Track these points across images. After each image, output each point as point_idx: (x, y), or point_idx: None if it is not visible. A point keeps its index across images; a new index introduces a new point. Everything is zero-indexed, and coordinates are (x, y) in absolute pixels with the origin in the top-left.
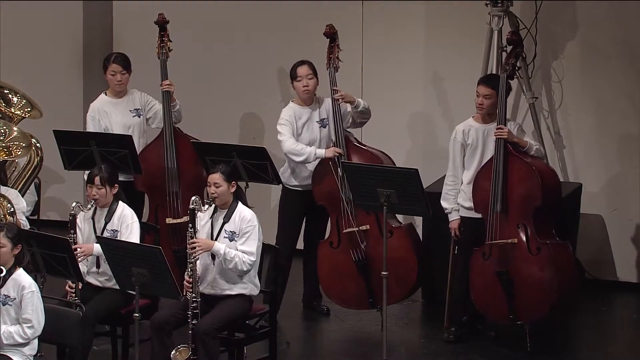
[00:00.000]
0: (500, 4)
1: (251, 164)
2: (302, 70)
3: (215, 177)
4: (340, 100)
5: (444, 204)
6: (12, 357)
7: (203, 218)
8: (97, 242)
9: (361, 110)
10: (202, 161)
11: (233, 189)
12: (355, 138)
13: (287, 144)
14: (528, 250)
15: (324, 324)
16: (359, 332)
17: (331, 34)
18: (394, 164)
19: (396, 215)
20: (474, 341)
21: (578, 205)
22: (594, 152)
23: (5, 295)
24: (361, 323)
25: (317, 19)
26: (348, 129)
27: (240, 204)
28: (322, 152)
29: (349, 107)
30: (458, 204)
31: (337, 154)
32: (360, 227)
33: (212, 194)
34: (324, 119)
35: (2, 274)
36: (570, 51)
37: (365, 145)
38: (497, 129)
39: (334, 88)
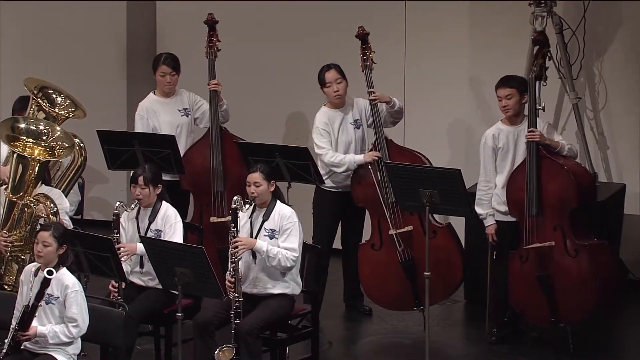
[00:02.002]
0: (543, 4)
1: (294, 164)
2: (330, 75)
3: (255, 177)
4: (376, 101)
5: (478, 210)
6: (56, 356)
7: (242, 218)
8: (140, 242)
9: (396, 110)
10: (246, 161)
11: (272, 188)
12: (391, 140)
13: (327, 158)
14: (566, 252)
15: (366, 324)
16: (401, 333)
17: (362, 36)
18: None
19: (434, 216)
20: (516, 342)
21: (622, 205)
22: (637, 152)
23: (49, 294)
24: (403, 323)
25: (361, 19)
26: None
27: (279, 202)
28: (360, 158)
29: (383, 107)
30: (493, 208)
31: (376, 158)
32: (404, 229)
33: (252, 193)
34: (357, 119)
35: (51, 276)
36: (614, 52)
37: (403, 147)
38: (528, 131)
39: (370, 90)
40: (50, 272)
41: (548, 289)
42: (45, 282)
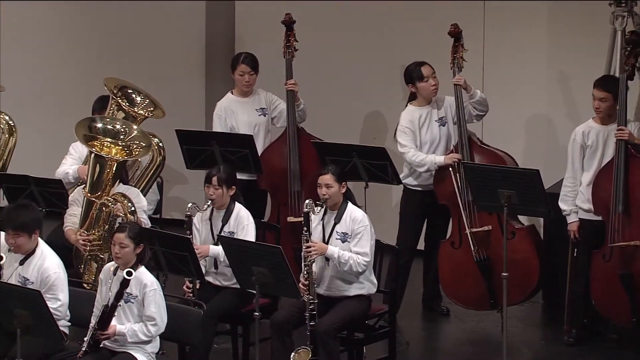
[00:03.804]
0: (624, 4)
1: (371, 164)
2: (427, 70)
3: (326, 178)
4: (458, 83)
5: (562, 205)
6: (135, 354)
7: (314, 220)
8: (213, 244)
9: (478, 100)
10: (323, 161)
11: (343, 190)
12: (478, 138)
13: (409, 156)
14: None
15: (444, 325)
16: (479, 333)
17: (456, 33)
18: (517, 165)
19: (518, 216)
20: (595, 344)
21: None
22: None
23: (128, 293)
24: (481, 324)
25: (439, 19)
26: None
27: (350, 204)
28: (441, 159)
29: (466, 100)
30: (576, 205)
31: (457, 160)
32: (482, 228)
33: (324, 195)
34: (443, 117)
35: (131, 277)
36: None
37: (488, 146)
38: (617, 130)
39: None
40: (129, 273)
41: (631, 288)
42: (125, 283)
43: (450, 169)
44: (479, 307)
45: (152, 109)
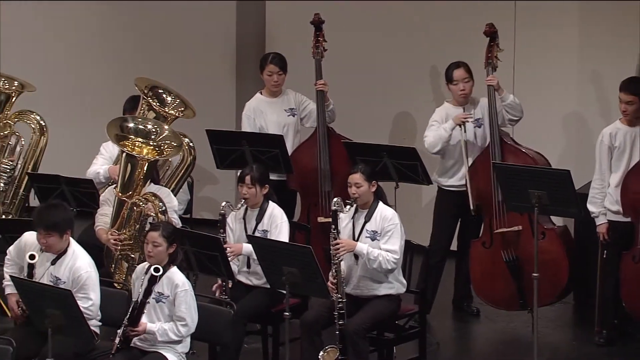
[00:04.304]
0: None
1: (401, 164)
2: (459, 74)
3: (356, 177)
4: (490, 82)
5: (590, 207)
6: (165, 354)
7: (344, 219)
8: (247, 242)
9: (509, 104)
10: (353, 161)
11: (374, 189)
12: (511, 138)
13: (426, 143)
14: None
15: (474, 325)
16: (510, 334)
17: (491, 33)
18: (550, 165)
19: (551, 217)
20: (625, 344)
21: None
22: None
23: (159, 292)
24: (512, 325)
25: (469, 19)
26: (502, 128)
27: (380, 203)
28: (450, 122)
29: (498, 104)
30: (605, 207)
31: (464, 119)
32: (512, 228)
33: (353, 194)
34: (479, 119)
35: (159, 273)
36: None
37: (521, 146)
38: None
39: (488, 79)
40: (157, 270)
41: None
42: (153, 279)
43: (481, 163)
44: (508, 308)
45: (182, 109)
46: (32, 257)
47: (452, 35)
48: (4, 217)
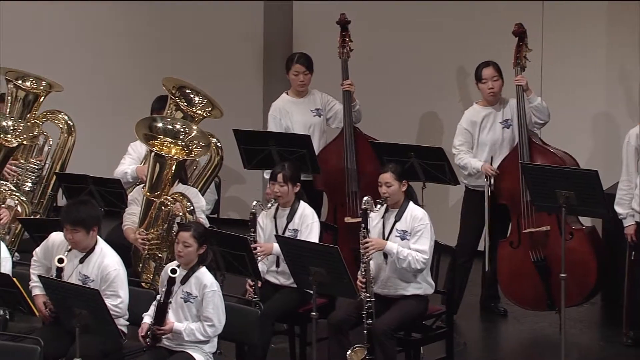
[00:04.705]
0: None
1: (428, 164)
2: (488, 72)
3: (387, 177)
4: (519, 82)
5: (618, 209)
6: (193, 354)
7: (375, 218)
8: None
9: (536, 107)
10: (381, 161)
11: (404, 188)
12: (540, 139)
13: (456, 159)
14: None
15: (501, 326)
16: (537, 334)
17: (520, 33)
18: (578, 166)
19: (579, 217)
20: None
21: None
22: None
23: (187, 292)
24: (539, 325)
25: (497, 19)
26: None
27: (411, 203)
28: (478, 165)
29: (527, 105)
30: (632, 209)
31: (491, 173)
32: (540, 228)
33: (384, 193)
34: (508, 119)
35: (175, 274)
36: None
37: (549, 146)
38: None
39: (517, 78)
40: (174, 271)
41: None
42: (171, 280)
43: (509, 164)
44: (535, 308)
45: (210, 109)
46: (60, 260)
47: (480, 36)
48: (32, 217)
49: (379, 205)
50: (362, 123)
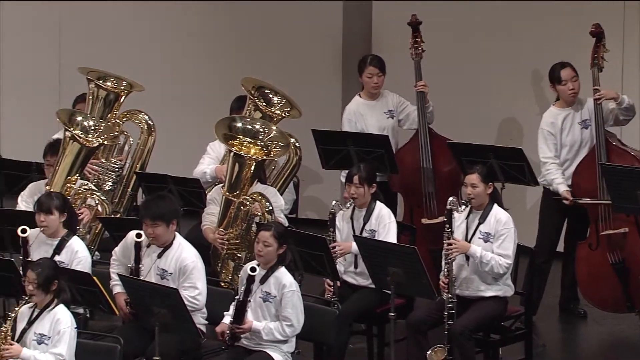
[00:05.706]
0: None
1: (508, 165)
2: (566, 73)
3: (473, 178)
4: (600, 100)
5: None
6: (271, 353)
7: (458, 219)
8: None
9: (625, 107)
10: (458, 162)
11: (490, 190)
12: (618, 140)
13: (543, 169)
14: None
15: (581, 327)
16: (617, 336)
17: (597, 33)
18: None
19: None
20: None
21: None
22: None
23: (266, 292)
24: (619, 327)
25: (577, 19)
26: (610, 129)
27: (496, 205)
28: (561, 189)
29: (610, 105)
30: None
31: (567, 201)
32: (618, 230)
33: (469, 195)
34: (586, 120)
35: (255, 273)
36: None
37: (627, 147)
38: None
39: (595, 87)
40: (253, 269)
41: None
42: (250, 279)
43: (586, 163)
44: (615, 310)
45: (288, 109)
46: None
47: (557, 37)
48: (112, 216)
49: (463, 206)
50: (435, 123)
